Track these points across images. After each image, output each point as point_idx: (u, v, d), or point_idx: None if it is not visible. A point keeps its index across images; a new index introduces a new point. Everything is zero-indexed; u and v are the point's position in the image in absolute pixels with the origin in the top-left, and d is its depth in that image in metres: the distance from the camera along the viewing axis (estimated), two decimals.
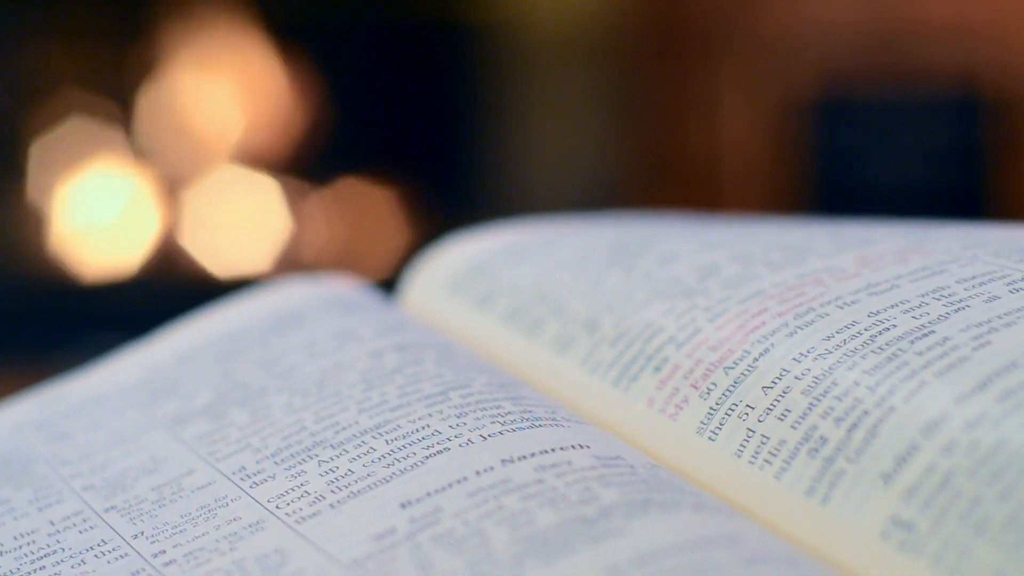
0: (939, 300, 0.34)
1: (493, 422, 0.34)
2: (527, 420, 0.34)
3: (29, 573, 0.33)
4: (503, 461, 0.32)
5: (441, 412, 0.35)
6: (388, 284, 0.50)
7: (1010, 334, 0.32)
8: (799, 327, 0.35)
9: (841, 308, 0.35)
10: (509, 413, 0.35)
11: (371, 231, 1.74)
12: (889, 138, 1.66)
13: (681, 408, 0.35)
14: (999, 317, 0.33)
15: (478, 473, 0.32)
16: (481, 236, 0.46)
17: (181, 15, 1.71)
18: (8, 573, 0.33)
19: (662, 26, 1.75)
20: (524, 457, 0.33)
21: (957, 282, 0.35)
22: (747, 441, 0.33)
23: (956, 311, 0.33)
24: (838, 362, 0.33)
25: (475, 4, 1.75)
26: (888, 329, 0.33)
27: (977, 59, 1.65)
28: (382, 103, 1.78)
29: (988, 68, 1.64)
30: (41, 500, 0.36)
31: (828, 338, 0.34)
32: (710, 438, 0.34)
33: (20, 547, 0.34)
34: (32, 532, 0.35)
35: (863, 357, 0.33)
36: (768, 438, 0.33)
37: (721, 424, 0.34)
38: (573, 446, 0.33)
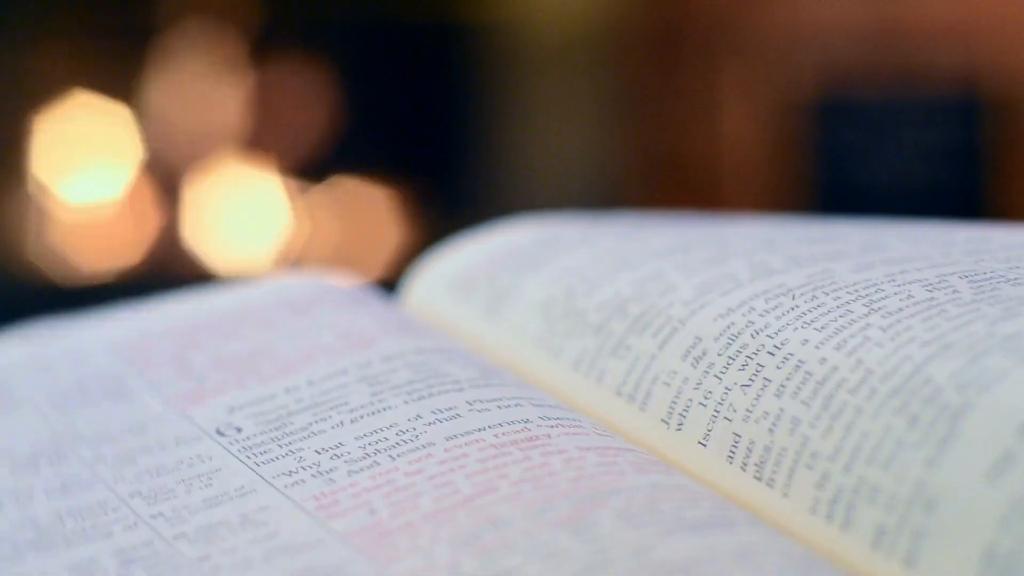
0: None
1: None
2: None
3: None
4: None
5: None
6: (388, 284, 0.50)
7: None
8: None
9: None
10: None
11: (371, 231, 1.74)
12: (889, 138, 1.66)
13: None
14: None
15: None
16: (483, 238, 0.46)
17: (184, 14, 1.71)
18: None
19: (662, 26, 1.75)
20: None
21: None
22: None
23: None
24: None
25: (475, 5, 1.75)
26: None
27: (977, 59, 1.65)
28: (382, 103, 1.78)
29: (988, 68, 1.64)
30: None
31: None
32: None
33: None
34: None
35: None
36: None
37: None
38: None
